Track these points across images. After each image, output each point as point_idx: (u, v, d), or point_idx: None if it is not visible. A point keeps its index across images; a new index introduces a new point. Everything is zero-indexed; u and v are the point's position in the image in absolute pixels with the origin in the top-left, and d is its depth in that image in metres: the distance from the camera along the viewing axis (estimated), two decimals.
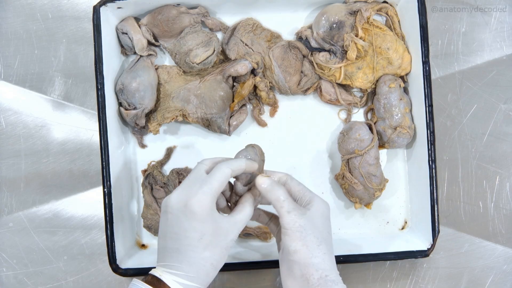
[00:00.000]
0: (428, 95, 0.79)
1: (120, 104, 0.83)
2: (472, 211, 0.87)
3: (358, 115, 0.87)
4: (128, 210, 0.84)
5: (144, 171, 0.86)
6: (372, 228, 0.86)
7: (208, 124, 0.83)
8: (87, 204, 0.87)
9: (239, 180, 0.69)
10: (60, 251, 0.86)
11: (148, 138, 0.86)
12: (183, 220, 0.63)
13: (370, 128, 0.83)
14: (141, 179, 0.86)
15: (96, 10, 0.78)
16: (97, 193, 0.86)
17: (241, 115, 0.84)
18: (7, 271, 0.86)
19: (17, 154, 0.87)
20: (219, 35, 0.85)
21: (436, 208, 0.79)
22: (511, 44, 0.88)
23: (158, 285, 0.62)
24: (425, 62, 0.79)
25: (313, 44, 0.82)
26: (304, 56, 0.84)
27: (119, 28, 0.82)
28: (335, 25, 0.80)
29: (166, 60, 0.87)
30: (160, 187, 0.84)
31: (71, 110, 0.88)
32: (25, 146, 0.87)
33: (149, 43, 0.83)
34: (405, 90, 0.84)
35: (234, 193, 0.70)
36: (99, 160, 0.83)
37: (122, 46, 0.84)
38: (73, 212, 0.87)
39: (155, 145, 0.86)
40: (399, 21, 0.83)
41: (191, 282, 0.63)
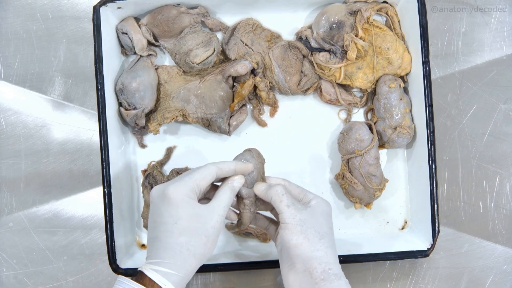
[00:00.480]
0: (428, 95, 0.79)
1: (120, 104, 0.83)
2: (472, 211, 0.87)
3: (358, 115, 0.87)
4: (128, 210, 0.84)
5: (144, 171, 0.86)
6: (372, 228, 0.86)
7: (208, 124, 0.83)
8: (87, 204, 0.87)
9: (244, 185, 0.69)
10: (60, 251, 0.86)
11: (148, 138, 0.86)
12: (160, 206, 0.64)
13: (370, 128, 0.83)
14: (141, 179, 0.86)
15: (96, 10, 0.78)
16: (97, 193, 0.86)
17: (241, 115, 0.84)
18: (7, 271, 0.86)
19: (17, 154, 0.87)
20: (219, 35, 0.85)
21: (436, 208, 0.79)
22: (511, 44, 0.88)
23: (141, 277, 0.62)
24: (425, 62, 0.79)
25: (313, 44, 0.82)
26: (304, 56, 0.84)
27: (119, 28, 0.82)
28: (335, 25, 0.80)
29: (166, 60, 0.87)
30: None
31: (71, 110, 0.88)
32: (25, 146, 0.87)
33: (149, 43, 0.83)
34: (405, 90, 0.84)
35: (240, 197, 0.70)
36: (99, 160, 0.83)
37: (122, 46, 0.84)
38: (73, 212, 0.87)
39: (155, 145, 0.86)
40: (399, 21, 0.83)
41: (168, 269, 0.62)
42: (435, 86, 0.86)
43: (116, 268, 0.78)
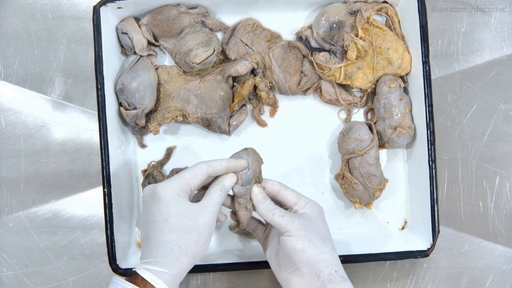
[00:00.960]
0: (428, 95, 0.79)
1: (120, 104, 0.83)
2: (472, 211, 0.87)
3: (358, 115, 0.87)
4: (128, 210, 0.84)
5: (144, 171, 0.86)
6: (372, 228, 0.86)
7: (208, 124, 0.83)
8: (87, 204, 0.87)
9: (237, 182, 0.69)
10: (60, 251, 0.86)
11: (148, 138, 0.86)
12: (151, 205, 0.64)
13: (370, 128, 0.83)
14: (141, 179, 0.86)
15: (96, 10, 0.78)
16: (97, 193, 0.86)
17: (241, 115, 0.84)
18: (7, 271, 0.86)
19: (17, 154, 0.87)
20: (219, 35, 0.85)
21: (436, 208, 0.79)
22: (511, 44, 0.88)
23: (134, 277, 0.62)
24: (425, 62, 0.79)
25: (313, 44, 0.82)
26: (304, 56, 0.84)
27: (119, 28, 0.82)
28: (335, 25, 0.80)
29: (166, 60, 0.87)
30: None
31: (71, 110, 0.88)
32: (25, 146, 0.87)
33: (149, 43, 0.83)
34: (405, 90, 0.84)
35: (234, 195, 0.70)
36: (99, 160, 0.83)
37: (122, 46, 0.84)
38: (73, 212, 0.87)
39: (155, 145, 0.86)
40: (399, 21, 0.83)
41: (160, 267, 0.61)
42: (435, 86, 0.86)
43: (116, 268, 0.78)
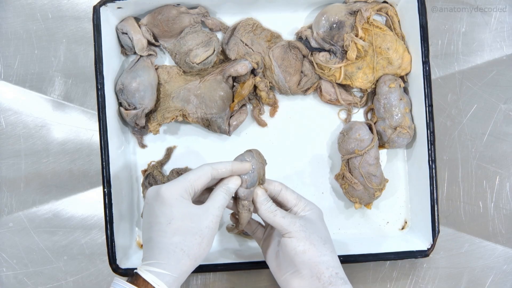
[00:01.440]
0: (428, 95, 0.79)
1: (120, 104, 0.83)
2: (472, 211, 0.87)
3: (358, 115, 0.87)
4: (128, 210, 0.84)
5: (144, 171, 0.86)
6: (372, 228, 0.86)
7: (208, 124, 0.83)
8: (87, 204, 0.87)
9: (241, 184, 0.69)
10: (60, 251, 0.86)
11: (148, 138, 0.86)
12: (154, 206, 0.64)
13: (370, 128, 0.83)
14: (141, 179, 0.86)
15: (96, 10, 0.78)
16: (97, 193, 0.86)
17: (241, 115, 0.84)
18: (7, 271, 0.86)
19: (17, 154, 0.87)
20: (219, 35, 0.85)
21: (436, 208, 0.79)
22: (511, 44, 0.88)
23: (135, 278, 0.62)
24: (425, 62, 0.79)
25: (313, 44, 0.82)
26: (304, 56, 0.84)
27: (119, 28, 0.82)
28: (335, 25, 0.80)
29: (166, 60, 0.87)
30: None
31: (71, 110, 0.88)
32: (25, 146, 0.87)
33: (149, 43, 0.83)
34: (405, 90, 0.84)
35: (238, 198, 0.70)
36: (99, 160, 0.83)
37: (122, 46, 0.84)
38: (73, 212, 0.87)
39: (155, 145, 0.86)
40: (399, 21, 0.83)
41: (162, 269, 0.61)
42: (435, 86, 0.86)
43: (116, 268, 0.78)
